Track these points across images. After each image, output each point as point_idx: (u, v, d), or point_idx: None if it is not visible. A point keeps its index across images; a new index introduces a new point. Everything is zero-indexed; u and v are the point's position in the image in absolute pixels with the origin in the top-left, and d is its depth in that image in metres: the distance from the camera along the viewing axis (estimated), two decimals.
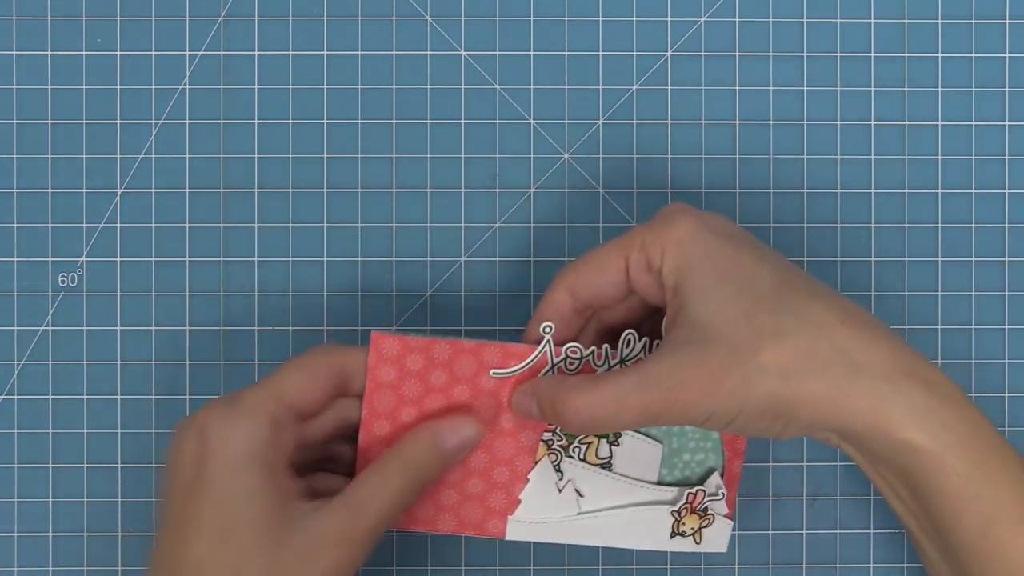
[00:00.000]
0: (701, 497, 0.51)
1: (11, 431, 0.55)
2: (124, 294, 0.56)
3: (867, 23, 0.56)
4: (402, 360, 0.49)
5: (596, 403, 0.45)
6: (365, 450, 0.50)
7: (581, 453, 0.51)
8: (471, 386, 0.50)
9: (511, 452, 0.51)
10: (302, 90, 0.56)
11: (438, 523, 0.51)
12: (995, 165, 0.56)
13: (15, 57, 0.56)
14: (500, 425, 0.50)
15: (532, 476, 0.51)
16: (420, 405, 0.49)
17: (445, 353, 0.49)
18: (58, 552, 0.56)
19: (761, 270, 0.45)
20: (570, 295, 0.48)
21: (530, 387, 0.49)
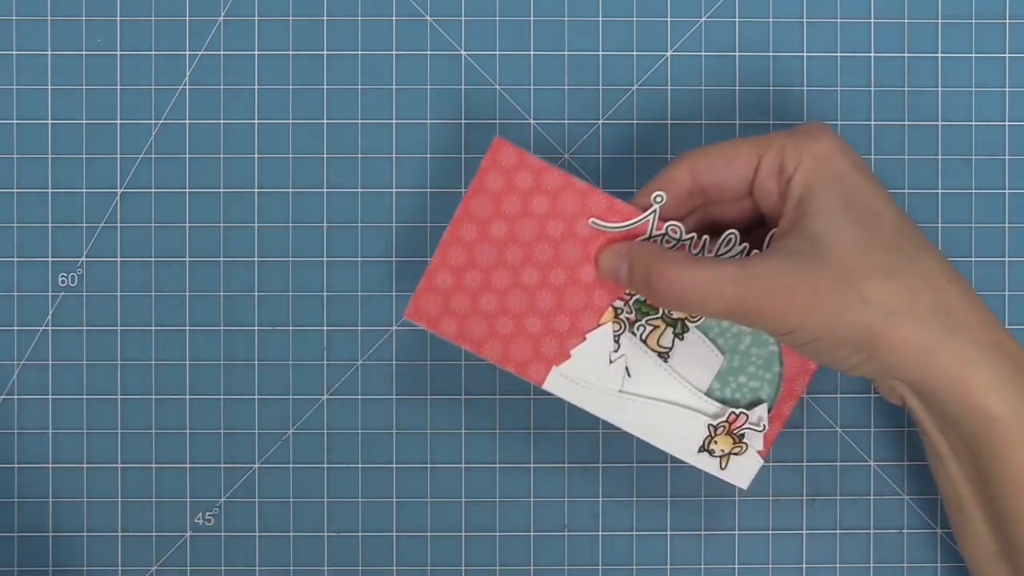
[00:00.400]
0: (743, 421, 0.51)
1: (11, 431, 0.55)
2: (124, 294, 0.56)
3: (867, 23, 0.56)
4: (513, 174, 0.49)
5: (692, 281, 0.46)
6: (446, 246, 0.50)
7: (644, 334, 0.51)
8: (566, 225, 0.49)
9: (579, 305, 0.50)
10: (302, 90, 0.56)
11: (485, 347, 0.50)
12: (995, 165, 0.56)
13: (15, 57, 0.56)
14: (579, 275, 0.50)
15: (590, 336, 0.50)
16: (513, 224, 0.50)
17: (555, 183, 0.49)
18: (58, 552, 0.56)
19: (886, 209, 0.46)
20: (691, 175, 0.48)
21: (625, 248, 0.49)
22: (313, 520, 0.56)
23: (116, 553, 0.55)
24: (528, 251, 0.50)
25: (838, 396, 0.56)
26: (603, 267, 0.49)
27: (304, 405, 0.56)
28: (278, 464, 0.56)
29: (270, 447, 0.56)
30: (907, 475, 0.56)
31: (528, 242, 0.50)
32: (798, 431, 0.56)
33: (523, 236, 0.50)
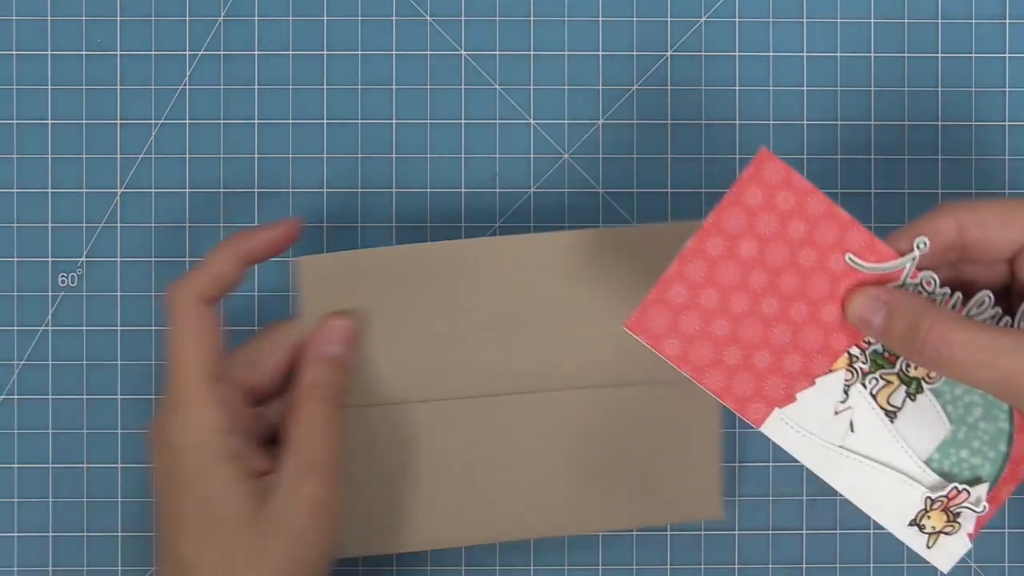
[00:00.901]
0: (963, 499, 0.48)
1: (11, 431, 0.55)
2: (124, 294, 0.56)
3: (867, 23, 0.56)
4: (775, 192, 0.45)
5: (967, 343, 0.42)
6: (687, 257, 0.45)
7: (875, 388, 0.47)
8: (819, 256, 0.45)
9: (814, 346, 0.46)
10: (302, 90, 0.56)
11: (707, 375, 0.46)
12: (995, 165, 0.56)
13: (15, 57, 0.56)
14: (820, 313, 0.46)
15: (819, 382, 0.47)
16: (764, 246, 0.45)
17: (819, 209, 0.45)
18: (58, 552, 0.56)
19: None
20: (957, 228, 0.45)
21: (886, 295, 0.45)
22: None
23: (116, 553, 0.55)
24: (774, 278, 0.45)
25: None
26: (854, 310, 0.46)
27: None
28: None
29: None
30: None
31: (776, 268, 0.45)
32: None
33: (772, 261, 0.45)
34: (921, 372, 0.47)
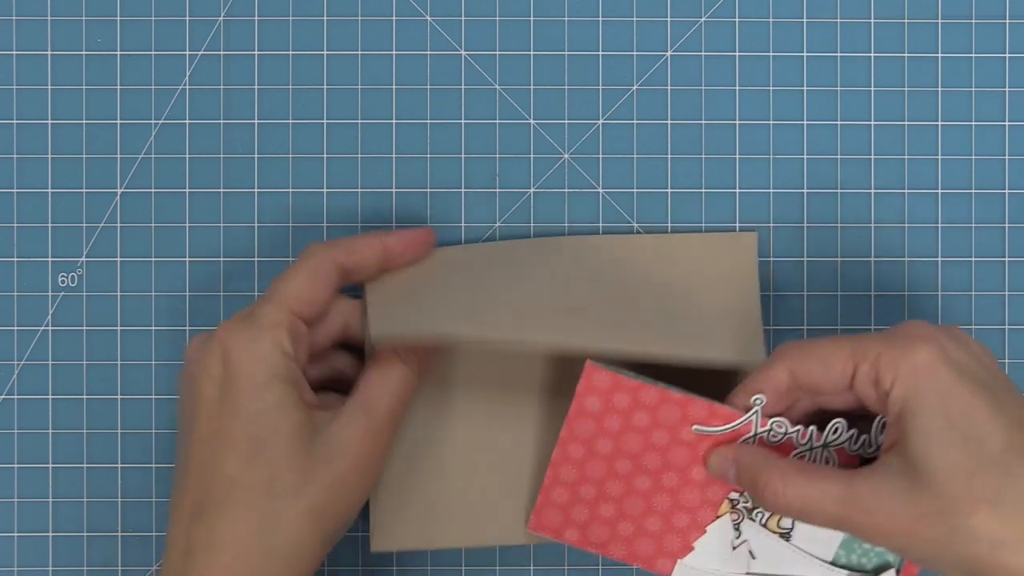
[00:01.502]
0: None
1: (11, 431, 0.55)
2: (124, 294, 0.56)
3: (867, 23, 0.56)
4: (610, 395, 0.50)
5: (796, 496, 0.46)
6: (557, 464, 0.51)
7: (763, 519, 0.51)
8: (670, 434, 0.50)
9: (695, 502, 0.51)
10: (302, 90, 0.56)
11: (610, 548, 0.52)
12: (995, 165, 0.56)
13: (15, 57, 0.56)
14: (690, 475, 0.51)
15: (710, 529, 0.51)
16: (618, 440, 0.51)
17: (652, 399, 0.50)
18: (58, 552, 0.56)
19: (993, 425, 0.44)
20: (789, 375, 0.48)
21: (732, 453, 0.49)
22: None
23: (116, 553, 0.55)
24: (637, 461, 0.51)
25: None
26: (712, 470, 0.50)
27: None
28: None
29: None
30: None
31: (635, 453, 0.51)
32: None
33: (629, 449, 0.51)
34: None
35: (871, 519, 0.45)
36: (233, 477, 0.46)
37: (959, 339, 0.47)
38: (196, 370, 0.48)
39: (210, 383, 0.48)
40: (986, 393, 0.45)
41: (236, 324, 0.48)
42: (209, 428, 0.47)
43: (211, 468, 0.47)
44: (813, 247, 0.56)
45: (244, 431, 0.47)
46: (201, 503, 0.47)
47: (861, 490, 0.45)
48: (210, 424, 0.47)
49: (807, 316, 0.56)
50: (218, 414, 0.47)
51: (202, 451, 0.47)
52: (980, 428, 0.44)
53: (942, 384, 0.45)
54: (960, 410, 0.44)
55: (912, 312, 0.56)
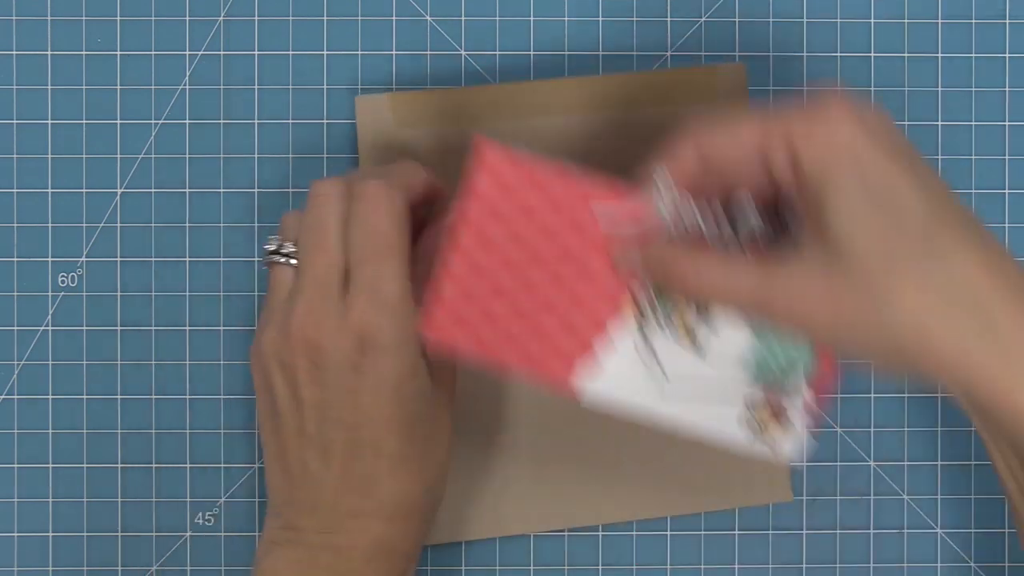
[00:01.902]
0: (783, 395, 0.48)
1: (11, 431, 0.55)
2: (124, 294, 0.56)
3: (867, 23, 0.56)
4: (502, 172, 0.47)
5: (712, 280, 0.44)
6: (446, 257, 0.47)
7: (667, 315, 0.48)
8: (568, 216, 0.47)
9: (594, 297, 0.47)
10: (302, 90, 0.56)
11: (504, 352, 0.47)
12: (995, 165, 0.56)
13: (15, 57, 0.56)
14: (589, 266, 0.47)
15: (610, 325, 0.48)
16: (511, 225, 0.47)
17: (548, 174, 0.47)
18: (58, 552, 0.56)
19: (915, 200, 0.41)
20: (697, 153, 0.44)
21: (640, 245, 0.46)
22: None
23: (116, 553, 0.55)
24: (532, 250, 0.47)
25: (838, 396, 0.56)
26: (619, 264, 0.47)
27: None
28: None
29: None
30: (907, 475, 0.56)
31: (530, 240, 0.47)
32: None
33: (524, 235, 0.47)
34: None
35: (789, 305, 0.42)
36: (396, 452, 0.47)
37: (877, 111, 0.43)
38: (329, 353, 0.46)
39: (345, 366, 0.46)
40: (906, 166, 0.42)
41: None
42: (371, 412, 0.47)
43: (376, 447, 0.47)
44: None
45: (398, 411, 0.47)
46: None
47: (780, 273, 0.42)
48: (365, 408, 0.47)
49: None
50: (372, 401, 0.47)
51: (360, 432, 0.47)
52: (901, 203, 0.41)
53: (859, 154, 0.41)
54: (879, 181, 0.41)
55: None
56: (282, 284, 0.48)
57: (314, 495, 0.47)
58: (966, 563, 0.56)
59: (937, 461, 0.56)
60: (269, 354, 0.47)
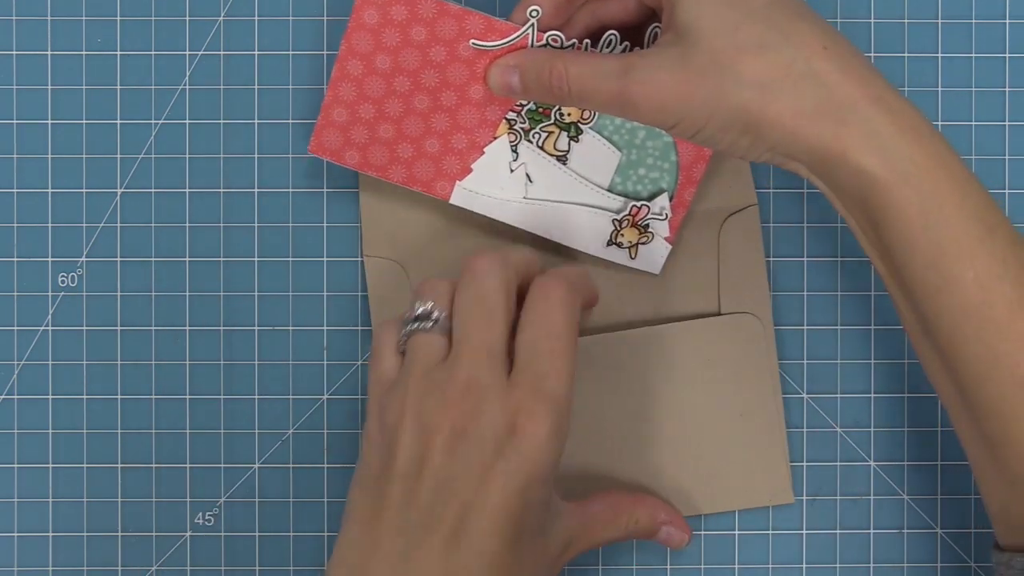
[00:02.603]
0: (645, 213, 0.53)
1: (11, 431, 0.55)
2: (124, 294, 0.56)
3: (867, 23, 0.56)
4: (387, 7, 0.51)
5: (579, 73, 0.47)
6: (335, 83, 0.52)
7: (540, 140, 0.53)
8: (448, 49, 0.51)
9: (474, 122, 0.52)
10: (301, 90, 0.56)
11: (390, 172, 0.53)
12: (995, 165, 0.56)
13: (15, 57, 0.56)
14: (468, 94, 0.52)
15: (488, 150, 0.52)
16: (396, 55, 0.51)
17: (430, 11, 0.50)
18: (58, 552, 0.56)
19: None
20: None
21: (514, 59, 0.50)
22: (313, 520, 0.56)
23: (116, 553, 0.55)
24: (415, 78, 0.51)
25: (838, 396, 0.56)
26: (493, 82, 0.51)
27: (304, 405, 0.56)
28: (278, 464, 0.56)
29: (270, 447, 0.56)
30: (907, 475, 0.56)
31: (414, 70, 0.51)
32: (798, 431, 0.56)
33: (408, 65, 0.51)
34: (575, 116, 0.52)
35: (644, 89, 0.45)
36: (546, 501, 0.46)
37: None
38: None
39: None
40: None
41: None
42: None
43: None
44: (813, 248, 0.56)
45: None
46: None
47: (637, 63, 0.46)
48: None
49: (807, 314, 0.56)
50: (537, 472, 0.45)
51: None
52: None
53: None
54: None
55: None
56: (430, 347, 0.46)
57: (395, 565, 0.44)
58: (966, 563, 0.56)
59: (937, 461, 0.56)
60: (411, 414, 0.44)
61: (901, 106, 0.45)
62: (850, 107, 0.44)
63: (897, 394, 0.56)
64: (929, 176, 0.44)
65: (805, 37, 0.45)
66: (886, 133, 0.44)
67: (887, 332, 0.56)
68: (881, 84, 0.45)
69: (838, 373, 0.56)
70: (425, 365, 0.45)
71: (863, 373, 0.56)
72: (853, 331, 0.56)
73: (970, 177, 0.45)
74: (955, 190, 0.44)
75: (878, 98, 0.44)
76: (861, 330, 0.56)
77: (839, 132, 0.44)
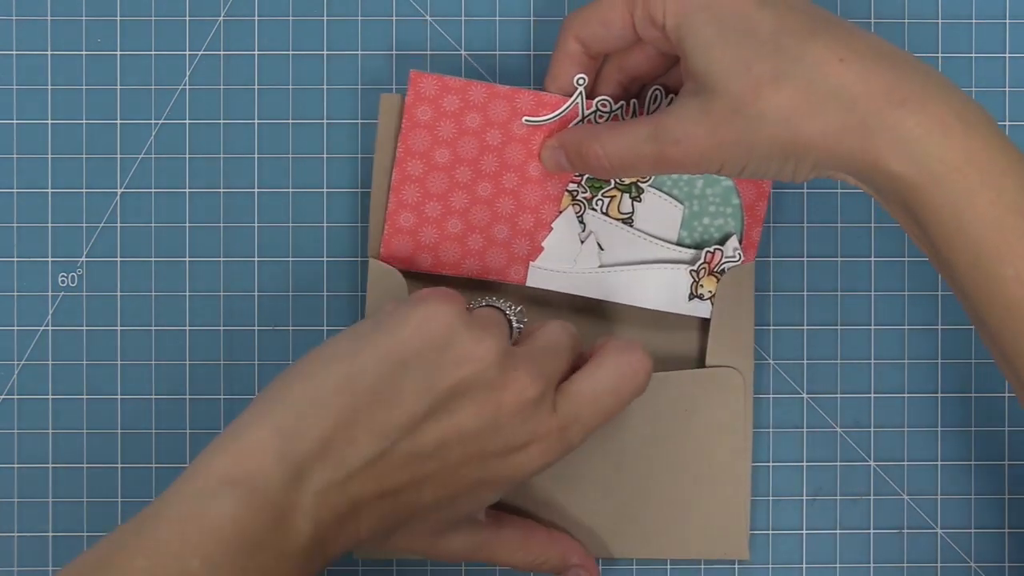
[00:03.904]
0: (719, 258, 0.53)
1: (11, 431, 0.55)
2: (124, 294, 0.56)
3: (867, 23, 0.56)
4: (439, 100, 0.51)
5: (615, 150, 0.48)
6: (398, 187, 0.52)
7: (604, 206, 0.53)
8: (503, 131, 0.51)
9: (537, 200, 0.52)
10: (302, 90, 0.56)
11: (463, 267, 0.53)
12: None
13: (15, 57, 0.56)
14: (528, 173, 0.52)
15: (555, 225, 0.53)
16: (454, 146, 0.51)
17: (481, 95, 0.51)
18: (58, 552, 0.56)
19: (760, 14, 0.45)
20: (580, 44, 0.50)
21: (557, 139, 0.51)
22: None
23: None
24: (476, 166, 0.52)
25: (838, 396, 0.56)
26: (547, 163, 0.52)
27: None
28: None
29: None
30: (907, 475, 0.56)
31: (473, 158, 0.52)
32: (798, 431, 0.56)
33: (467, 154, 0.52)
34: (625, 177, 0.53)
35: (680, 147, 0.46)
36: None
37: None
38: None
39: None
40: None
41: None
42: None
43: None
44: (813, 247, 0.56)
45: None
46: None
47: (665, 122, 0.46)
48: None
49: (807, 314, 0.56)
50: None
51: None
52: (749, 21, 0.45)
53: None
54: (727, 12, 0.45)
55: (911, 314, 0.56)
56: (504, 328, 0.47)
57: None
58: (966, 563, 0.56)
59: (937, 461, 0.56)
60: (492, 362, 0.44)
61: (930, 103, 0.44)
62: (875, 116, 0.44)
63: (897, 394, 0.56)
64: (960, 175, 0.43)
65: (818, 55, 0.44)
66: (913, 136, 0.43)
67: (887, 332, 0.56)
68: (908, 81, 0.44)
69: (838, 373, 0.56)
70: (501, 336, 0.45)
71: (863, 373, 0.56)
72: (853, 331, 0.56)
73: (1008, 168, 0.44)
74: (989, 186, 0.43)
75: (903, 100, 0.44)
76: (861, 330, 0.56)
77: (868, 144, 0.44)
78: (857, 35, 0.46)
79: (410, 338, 0.44)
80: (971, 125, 0.44)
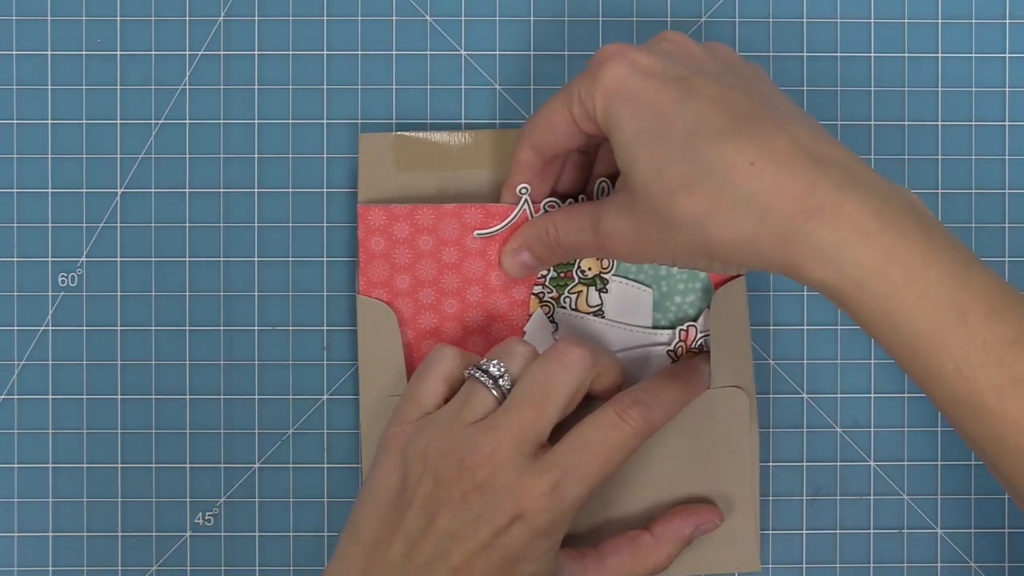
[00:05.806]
0: (694, 334, 0.53)
1: (11, 431, 0.55)
2: (124, 294, 0.56)
3: (867, 23, 0.56)
4: (389, 229, 0.52)
5: (565, 235, 0.49)
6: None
7: (572, 303, 0.53)
8: (458, 248, 0.52)
9: (505, 308, 0.53)
10: (302, 90, 0.56)
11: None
12: (995, 165, 0.56)
13: (15, 57, 0.56)
14: (491, 283, 0.53)
15: (527, 329, 0.53)
16: (412, 271, 0.52)
17: (428, 218, 0.52)
18: (58, 552, 0.56)
19: (678, 113, 0.44)
20: (535, 152, 0.50)
21: (516, 240, 0.51)
22: (313, 520, 0.56)
23: (116, 553, 0.55)
24: (438, 286, 0.53)
25: (838, 396, 0.56)
26: (509, 269, 0.52)
27: (304, 405, 0.56)
28: (278, 464, 0.56)
29: (270, 447, 0.56)
30: (907, 475, 0.56)
31: (433, 278, 0.52)
32: (798, 431, 0.56)
33: (426, 276, 0.52)
34: (596, 268, 0.53)
35: (613, 240, 0.46)
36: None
37: (653, 46, 0.47)
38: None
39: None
40: (675, 84, 0.44)
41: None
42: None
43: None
44: None
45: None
46: None
47: (603, 214, 0.47)
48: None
49: (807, 314, 0.56)
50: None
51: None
52: (665, 121, 0.44)
53: (631, 93, 0.45)
54: (646, 111, 0.44)
55: None
56: (479, 405, 0.47)
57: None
58: (966, 563, 0.56)
59: (937, 461, 0.56)
60: (435, 455, 0.46)
61: (847, 206, 0.42)
62: (789, 225, 0.42)
63: (897, 394, 0.56)
64: (882, 277, 0.41)
65: (728, 160, 0.43)
66: (828, 244, 0.42)
67: None
68: (823, 185, 0.42)
69: (838, 373, 0.56)
70: (464, 418, 0.47)
71: (863, 373, 0.56)
72: (853, 331, 0.56)
73: (933, 259, 0.42)
74: (914, 283, 0.41)
75: (817, 209, 0.42)
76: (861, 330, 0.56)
77: (785, 252, 0.42)
78: (778, 128, 0.43)
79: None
80: (891, 221, 0.42)
